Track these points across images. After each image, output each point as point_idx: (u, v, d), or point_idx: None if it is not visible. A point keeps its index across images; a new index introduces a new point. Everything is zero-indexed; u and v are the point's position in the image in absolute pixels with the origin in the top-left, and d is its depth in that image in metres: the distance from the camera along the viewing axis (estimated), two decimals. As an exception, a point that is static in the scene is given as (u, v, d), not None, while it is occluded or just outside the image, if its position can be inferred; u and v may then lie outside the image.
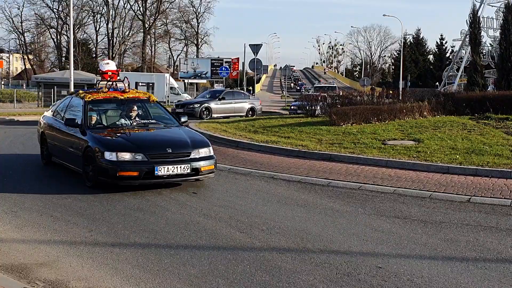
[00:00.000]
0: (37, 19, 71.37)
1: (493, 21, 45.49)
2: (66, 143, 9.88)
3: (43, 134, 11.33)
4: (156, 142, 9.19)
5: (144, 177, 8.43)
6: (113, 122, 9.89)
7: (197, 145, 9.09)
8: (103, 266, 5.38)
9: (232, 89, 35.52)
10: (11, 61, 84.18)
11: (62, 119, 10.37)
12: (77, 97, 10.41)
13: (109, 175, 8.45)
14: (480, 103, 18.90)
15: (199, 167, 8.83)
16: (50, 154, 10.95)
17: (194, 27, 79.61)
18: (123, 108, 10.17)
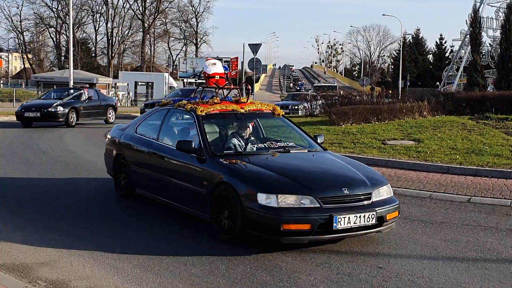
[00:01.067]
0: (36, 18, 71.28)
1: (493, 21, 45.44)
2: (172, 174, 7.09)
3: (119, 156, 8.38)
4: (324, 177, 6.39)
5: (317, 232, 5.75)
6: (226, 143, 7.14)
7: (375, 182, 6.35)
8: (104, 266, 5.39)
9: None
10: (10, 60, 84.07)
11: (157, 139, 7.62)
12: (182, 110, 7.64)
13: (267, 229, 5.75)
14: (480, 103, 18.91)
15: (384, 215, 6.09)
16: (133, 185, 8.10)
17: (193, 27, 79.58)
18: (240, 124, 7.35)
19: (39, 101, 21.39)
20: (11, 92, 38.84)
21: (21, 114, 19.86)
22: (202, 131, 6.92)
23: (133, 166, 7.98)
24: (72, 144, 14.98)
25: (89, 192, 8.77)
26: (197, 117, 7.13)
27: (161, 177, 7.30)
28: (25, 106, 20.99)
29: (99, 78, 45.40)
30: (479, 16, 28.69)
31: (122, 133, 8.60)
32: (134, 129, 8.33)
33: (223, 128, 7.44)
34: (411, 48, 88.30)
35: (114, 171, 8.56)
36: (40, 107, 20.04)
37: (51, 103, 20.17)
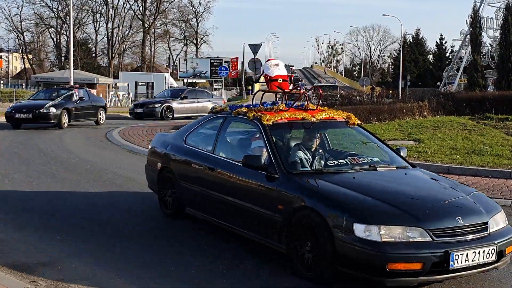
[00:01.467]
0: (36, 18, 71.29)
1: (493, 21, 45.46)
2: (235, 194, 6.00)
3: (166, 170, 7.27)
4: (432, 203, 5.16)
5: (430, 272, 4.69)
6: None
7: (489, 208, 5.34)
8: (104, 266, 5.39)
9: (195, 88, 33.40)
10: (11, 61, 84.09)
11: (213, 152, 6.53)
12: (243, 118, 6.50)
13: (367, 267, 4.71)
14: (480, 103, 18.93)
15: (503, 249, 5.03)
16: (183, 203, 6.97)
17: (194, 27, 79.63)
18: (307, 134, 6.31)
19: (30, 102, 20.24)
20: (11, 92, 38.84)
21: (11, 115, 18.82)
22: (272, 144, 5.83)
23: (183, 182, 6.88)
24: (71, 144, 14.99)
25: (88, 190, 8.78)
26: (264, 128, 6.00)
27: (220, 196, 6.20)
28: (15, 107, 19.79)
29: (99, 78, 45.38)
30: (479, 16, 28.72)
31: (167, 143, 7.46)
32: (182, 139, 7.18)
33: (287, 139, 6.32)
34: (412, 48, 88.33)
35: (158, 186, 7.44)
36: (32, 108, 18.91)
37: (43, 104, 19.08)
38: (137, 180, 9.86)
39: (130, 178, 10.02)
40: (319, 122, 6.38)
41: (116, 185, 9.36)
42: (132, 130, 18.45)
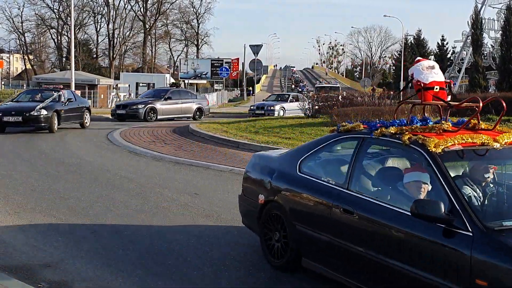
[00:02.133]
0: (37, 19, 71.34)
1: (494, 23, 45.39)
2: (392, 253, 4.17)
3: (272, 205, 5.52)
4: None
5: None
6: None
7: None
8: (107, 267, 5.39)
9: (178, 88, 32.34)
10: (11, 62, 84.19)
11: (347, 186, 4.74)
12: (393, 142, 4.66)
13: None
14: (481, 105, 18.88)
15: None
16: (299, 252, 5.15)
17: (194, 28, 79.69)
18: (477, 166, 4.59)
19: (17, 104, 18.96)
20: (12, 93, 38.86)
21: None
22: (451, 183, 4.07)
23: (300, 225, 5.12)
24: (72, 145, 15.00)
25: (93, 191, 8.78)
26: (433, 157, 4.23)
27: (363, 252, 4.41)
28: (2, 109, 18.46)
29: (100, 79, 45.40)
30: (480, 18, 28.68)
31: (272, 169, 5.70)
32: (295, 165, 5.40)
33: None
34: (413, 49, 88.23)
35: (260, 226, 5.67)
36: (21, 110, 17.73)
37: (33, 106, 17.86)
38: (137, 180, 9.88)
39: (130, 179, 10.03)
40: (505, 149, 4.54)
41: (116, 186, 9.37)
42: (133, 131, 18.47)
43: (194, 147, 14.66)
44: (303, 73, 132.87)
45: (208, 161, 12.27)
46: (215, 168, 11.43)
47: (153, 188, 9.28)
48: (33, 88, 26.00)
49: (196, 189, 9.22)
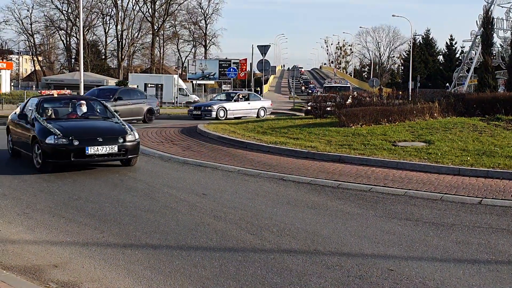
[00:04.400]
0: (46, 20, 71.82)
1: (503, 22, 45.16)
2: None
3: None
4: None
5: None
6: None
7: None
8: (115, 267, 5.41)
9: (127, 87, 29.10)
10: (21, 63, 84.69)
11: None
12: None
13: None
14: (490, 104, 18.78)
15: None
16: None
17: (202, 29, 79.88)
18: None
19: None
20: (22, 94, 39.09)
21: None
22: None
23: None
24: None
25: (102, 192, 8.80)
26: None
27: None
28: None
29: (109, 80, 45.64)
30: (490, 17, 28.47)
31: None
32: None
33: None
34: (421, 49, 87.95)
35: None
36: None
37: None
38: (145, 181, 9.90)
39: (139, 180, 10.05)
40: None
41: (124, 186, 9.39)
42: (141, 132, 18.50)
43: (202, 148, 14.67)
44: (311, 73, 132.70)
45: (216, 161, 12.27)
46: (223, 168, 11.43)
47: (161, 188, 9.30)
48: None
49: (204, 190, 9.23)
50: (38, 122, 11.03)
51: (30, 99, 12.61)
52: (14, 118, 12.66)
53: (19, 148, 12.03)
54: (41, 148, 10.43)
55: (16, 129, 12.19)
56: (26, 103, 12.58)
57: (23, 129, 11.63)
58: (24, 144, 11.48)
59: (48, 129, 10.61)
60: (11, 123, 12.90)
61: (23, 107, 12.51)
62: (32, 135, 10.89)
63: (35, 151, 10.67)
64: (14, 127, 12.43)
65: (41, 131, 10.67)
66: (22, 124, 11.74)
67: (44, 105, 11.83)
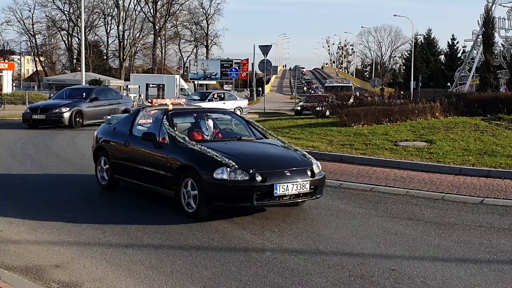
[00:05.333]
0: (48, 21, 71.95)
1: (505, 21, 45.08)
2: None
3: None
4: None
5: None
6: None
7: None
8: (116, 268, 5.41)
9: (102, 86, 26.21)
10: (23, 63, 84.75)
11: None
12: None
13: None
14: (492, 104, 18.77)
15: None
16: None
17: (204, 29, 79.87)
18: None
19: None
20: (24, 94, 39.11)
21: None
22: None
23: None
24: (83, 146, 15.05)
25: (104, 192, 8.81)
26: None
27: None
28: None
29: (110, 80, 45.66)
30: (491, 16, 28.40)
31: None
32: None
33: None
34: (423, 49, 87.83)
35: None
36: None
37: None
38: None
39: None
40: None
41: (126, 187, 9.39)
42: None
43: (204, 148, 14.64)
44: (313, 73, 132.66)
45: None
46: (224, 168, 11.40)
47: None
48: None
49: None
50: (182, 145, 7.56)
51: (139, 111, 9.04)
52: (113, 136, 9.06)
53: (131, 179, 8.55)
54: (201, 184, 7.01)
55: (126, 153, 8.59)
56: (134, 117, 8.91)
57: (146, 154, 8.09)
58: (147, 176, 8.02)
59: (212, 157, 7.10)
60: (108, 143, 9.11)
61: (131, 122, 8.85)
62: (179, 164, 7.39)
63: (186, 189, 7.27)
64: (119, 149, 8.76)
65: (201, 160, 7.20)
66: (140, 148, 8.25)
67: (174, 119, 8.26)
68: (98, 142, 9.43)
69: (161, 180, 7.70)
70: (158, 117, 8.42)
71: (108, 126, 9.53)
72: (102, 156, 9.16)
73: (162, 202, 8.14)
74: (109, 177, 8.95)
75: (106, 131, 9.42)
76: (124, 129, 8.84)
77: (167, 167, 7.58)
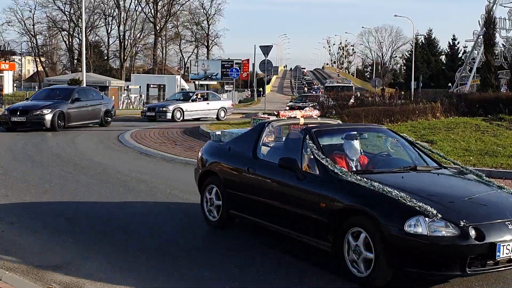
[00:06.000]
0: (49, 21, 71.88)
1: (506, 22, 45.05)
2: None
3: None
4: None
5: None
6: None
7: None
8: (118, 269, 5.41)
9: (82, 86, 24.21)
10: (23, 64, 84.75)
11: None
12: None
13: None
14: (493, 104, 18.76)
15: None
16: None
17: (205, 29, 79.86)
18: None
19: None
20: (24, 95, 39.16)
21: None
22: None
23: None
24: (84, 146, 15.06)
25: (104, 192, 8.82)
26: None
27: None
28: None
29: (111, 80, 45.68)
30: (492, 16, 28.37)
31: None
32: None
33: None
34: (424, 49, 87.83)
35: None
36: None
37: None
38: (148, 181, 9.91)
39: (142, 180, 10.06)
40: None
41: (127, 187, 9.41)
42: (144, 133, 18.54)
43: (205, 148, 14.65)
44: (314, 73, 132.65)
45: (218, 162, 12.25)
46: (225, 169, 11.41)
47: (164, 189, 9.30)
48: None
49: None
50: (339, 178, 5.45)
51: (264, 126, 6.69)
52: (229, 158, 6.84)
53: (257, 219, 6.40)
54: (383, 240, 4.88)
55: (250, 183, 6.40)
56: (259, 135, 6.62)
57: (283, 187, 5.98)
58: (285, 217, 5.94)
59: (397, 199, 4.98)
60: (221, 168, 6.90)
61: (254, 141, 6.60)
62: (341, 206, 5.29)
63: (354, 242, 5.13)
64: (239, 177, 6.56)
65: (379, 203, 5.05)
66: (271, 177, 6.14)
67: (320, 140, 6.09)
68: (206, 165, 7.24)
69: (308, 226, 5.60)
70: (294, 136, 6.36)
71: (217, 145, 7.30)
72: (212, 185, 6.97)
73: (161, 203, 8.10)
74: (223, 213, 6.76)
75: (217, 151, 7.18)
76: (245, 150, 6.64)
77: (319, 208, 5.42)
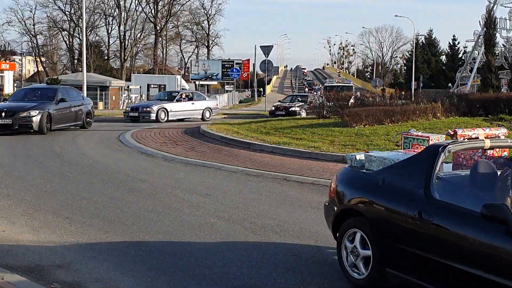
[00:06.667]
0: (49, 21, 71.84)
1: (506, 22, 45.06)
2: None
3: None
4: None
5: None
6: None
7: None
8: (119, 268, 5.41)
9: (64, 86, 23.04)
10: (24, 64, 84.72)
11: None
12: None
13: None
14: (494, 104, 18.74)
15: None
16: None
17: (205, 29, 79.83)
18: None
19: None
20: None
21: None
22: None
23: None
24: (84, 146, 15.07)
25: (105, 192, 8.81)
26: None
27: None
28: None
29: (112, 80, 45.69)
30: (493, 16, 28.36)
31: None
32: None
33: None
34: (424, 49, 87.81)
35: None
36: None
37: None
38: (149, 181, 9.91)
39: (142, 180, 10.06)
40: None
41: (128, 187, 9.41)
42: (144, 133, 18.54)
43: (205, 148, 14.68)
44: (314, 73, 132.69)
45: (219, 161, 12.28)
46: (226, 169, 11.44)
47: (165, 189, 9.30)
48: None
49: (207, 190, 9.23)
50: None
51: (440, 152, 4.49)
52: (382, 195, 4.79)
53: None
54: None
55: (423, 235, 4.34)
56: (432, 165, 4.48)
57: (486, 246, 3.87)
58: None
59: None
60: (370, 208, 4.90)
61: (425, 173, 4.49)
62: None
63: None
64: (403, 225, 4.52)
65: None
66: (460, 231, 4.10)
67: None
68: (344, 201, 5.26)
69: None
70: (486, 170, 4.54)
71: (362, 174, 5.22)
72: (355, 229, 4.98)
73: (162, 203, 8.11)
74: (373, 269, 4.78)
75: (362, 184, 5.16)
76: (410, 184, 4.60)
77: None
